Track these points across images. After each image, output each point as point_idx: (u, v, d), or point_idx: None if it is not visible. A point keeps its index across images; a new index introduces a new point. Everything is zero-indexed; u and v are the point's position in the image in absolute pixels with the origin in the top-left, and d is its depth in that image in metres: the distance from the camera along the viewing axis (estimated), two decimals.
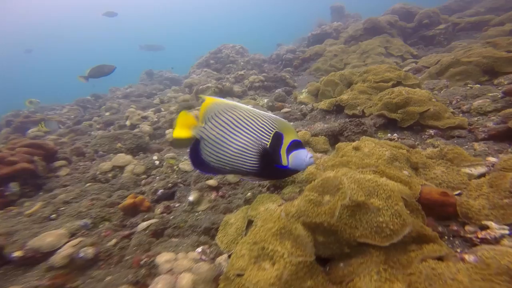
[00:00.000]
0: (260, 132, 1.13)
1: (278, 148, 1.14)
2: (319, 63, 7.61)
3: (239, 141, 1.13)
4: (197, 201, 2.31)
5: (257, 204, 1.61)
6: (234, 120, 1.14)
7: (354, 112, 2.83)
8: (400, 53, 6.43)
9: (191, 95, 7.20)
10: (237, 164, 1.15)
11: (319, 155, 2.19)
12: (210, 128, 1.16)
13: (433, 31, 6.62)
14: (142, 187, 2.89)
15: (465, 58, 3.00)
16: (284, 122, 1.17)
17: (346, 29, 9.60)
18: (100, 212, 2.29)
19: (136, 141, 3.67)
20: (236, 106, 1.16)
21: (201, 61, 10.29)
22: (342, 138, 2.42)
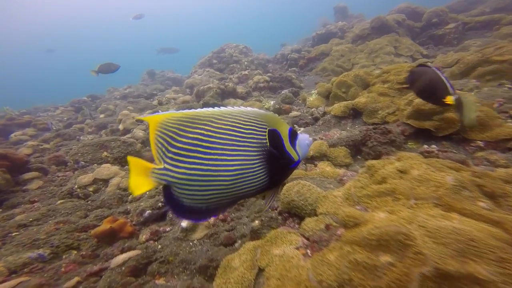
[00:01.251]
0: (253, 136, 0.91)
1: (281, 146, 0.96)
2: (326, 63, 7.24)
3: (233, 160, 0.87)
4: (192, 227, 1.89)
5: (269, 244, 1.20)
6: (206, 137, 0.87)
7: (374, 121, 2.42)
8: (410, 53, 6.04)
9: (192, 96, 6.82)
10: (239, 189, 0.90)
11: (341, 172, 1.78)
12: (174, 166, 0.87)
13: (443, 30, 6.25)
14: (128, 204, 2.47)
15: (497, 56, 2.61)
16: (267, 114, 0.96)
17: (351, 28, 9.30)
18: (67, 239, 1.84)
19: (126, 149, 3.25)
20: (198, 114, 0.89)
21: (204, 61, 9.96)
22: (365, 149, 2.01)
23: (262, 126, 0.94)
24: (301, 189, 1.49)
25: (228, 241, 1.70)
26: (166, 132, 0.87)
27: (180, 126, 0.88)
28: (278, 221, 1.59)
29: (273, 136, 0.95)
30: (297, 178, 1.77)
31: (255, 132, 0.92)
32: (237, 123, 0.91)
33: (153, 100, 7.52)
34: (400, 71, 2.66)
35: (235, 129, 0.90)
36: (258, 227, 1.56)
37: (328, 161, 1.97)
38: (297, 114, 3.59)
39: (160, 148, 0.88)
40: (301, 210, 1.39)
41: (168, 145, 0.88)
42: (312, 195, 1.40)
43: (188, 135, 0.87)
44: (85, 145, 3.12)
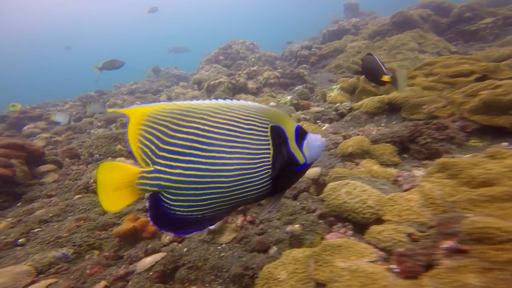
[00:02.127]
0: (254, 132, 0.80)
1: (285, 145, 0.85)
2: (340, 60, 6.97)
3: (232, 158, 0.77)
4: (219, 229, 1.71)
5: (328, 254, 1.01)
6: (204, 132, 0.76)
7: (418, 116, 2.19)
8: (437, 50, 5.75)
9: (201, 92, 6.69)
10: (239, 192, 0.79)
11: (393, 172, 1.57)
12: (168, 166, 0.75)
13: (476, 25, 5.89)
14: (146, 201, 2.31)
15: None
16: (270, 110, 0.85)
17: (365, 25, 9.03)
18: (88, 237, 1.70)
19: None
20: (193, 107, 0.78)
21: (210, 57, 9.93)
22: (415, 146, 1.80)
23: (264, 122, 0.82)
24: (352, 190, 1.30)
25: (261, 247, 1.52)
26: (157, 126, 0.74)
27: (174, 120, 0.75)
28: (321, 226, 1.40)
29: (276, 133, 0.83)
30: (340, 177, 1.57)
31: (256, 128, 0.81)
32: (236, 117, 0.80)
33: (160, 96, 7.51)
34: (449, 64, 2.42)
35: (234, 123, 0.79)
36: (299, 232, 1.37)
37: (372, 159, 1.76)
38: (319, 110, 3.39)
39: (148, 146, 0.74)
40: (357, 215, 1.20)
41: (160, 141, 0.74)
42: (370, 197, 1.20)
43: (183, 130, 0.75)
44: (99, 137, 2.98)
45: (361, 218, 1.18)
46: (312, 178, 1.85)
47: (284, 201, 1.83)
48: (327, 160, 2.05)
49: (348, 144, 1.92)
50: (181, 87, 8.06)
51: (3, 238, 1.76)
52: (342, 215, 1.29)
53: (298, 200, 1.83)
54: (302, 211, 1.71)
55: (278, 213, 1.77)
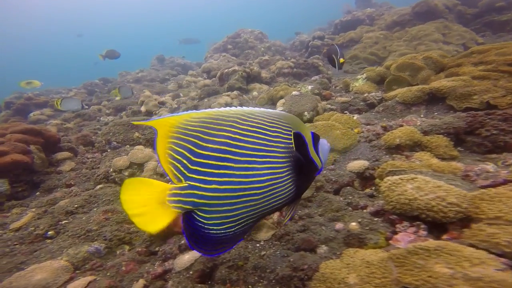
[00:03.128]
0: (280, 140, 0.79)
1: (306, 151, 0.85)
2: (357, 51, 6.69)
3: (263, 168, 0.74)
4: (257, 226, 1.57)
5: (420, 258, 0.85)
6: (235, 141, 0.72)
7: (469, 105, 2.00)
8: (463, 41, 5.45)
9: (212, 80, 6.49)
10: (268, 202, 0.77)
11: (460, 166, 1.40)
12: (202, 181, 0.69)
13: (509, 15, 5.56)
14: None
15: None
16: (290, 116, 0.85)
17: (382, 15, 8.68)
18: (118, 231, 1.57)
19: None
20: (222, 114, 0.74)
21: (218, 46, 9.73)
22: (474, 139, 1.63)
23: (287, 128, 0.81)
24: (423, 186, 1.13)
25: (307, 246, 1.38)
26: (187, 138, 0.69)
27: (205, 129, 0.71)
28: (380, 225, 1.24)
29: (298, 140, 0.82)
30: (396, 171, 1.41)
31: (282, 135, 0.79)
32: (263, 124, 0.77)
33: (169, 84, 7.35)
34: (506, 52, 2.20)
35: (262, 131, 0.76)
36: (358, 231, 1.22)
37: (427, 152, 1.59)
38: (346, 100, 3.19)
39: (180, 161, 0.69)
40: (435, 213, 1.04)
41: (192, 154, 0.69)
42: (449, 194, 1.04)
43: (215, 139, 0.70)
44: (116, 124, 2.82)
45: (440, 217, 1.02)
46: (357, 171, 1.69)
47: (325, 195, 1.68)
48: (369, 153, 1.89)
49: (396, 135, 1.75)
50: (190, 75, 7.87)
51: (32, 229, 1.65)
52: (410, 213, 1.13)
53: (341, 195, 1.68)
54: (347, 207, 1.56)
55: (319, 208, 1.63)
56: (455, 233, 0.96)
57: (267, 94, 4.23)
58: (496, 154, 1.49)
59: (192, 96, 5.21)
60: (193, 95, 5.29)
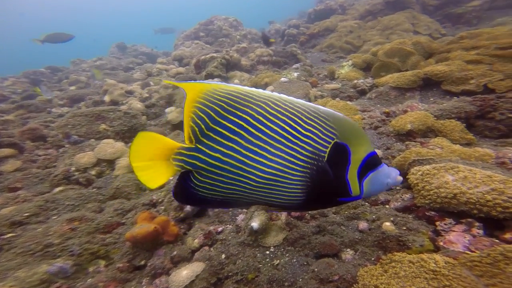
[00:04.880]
0: (310, 142, 0.70)
1: (343, 169, 0.73)
2: (333, 39, 6.69)
3: (272, 161, 0.70)
4: (263, 227, 1.33)
5: (504, 264, 0.70)
6: (256, 122, 0.70)
7: (465, 88, 1.99)
8: (429, 31, 5.74)
9: (187, 68, 5.95)
10: (264, 195, 0.74)
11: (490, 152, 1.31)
12: (209, 147, 0.71)
13: (463, 8, 5.97)
14: (150, 193, 1.81)
15: None
16: (346, 121, 0.72)
17: (352, 5, 8.89)
18: (89, 244, 1.23)
19: (129, 121, 2.48)
20: (253, 93, 0.72)
21: (189, 33, 9.29)
22: (486, 123, 1.59)
23: (329, 133, 0.72)
24: (471, 177, 1.00)
25: (329, 251, 1.18)
26: (211, 105, 0.71)
27: (230, 101, 0.71)
28: (415, 223, 1.10)
29: (338, 152, 0.72)
30: (423, 160, 1.28)
31: (315, 138, 0.71)
32: (298, 116, 0.71)
33: (134, 73, 6.66)
34: (499, 35, 2.22)
35: (291, 123, 0.71)
36: (393, 232, 1.06)
37: (442, 138, 1.50)
38: (336, 87, 3.07)
39: (199, 124, 0.72)
40: (490, 209, 0.90)
41: (211, 120, 0.71)
42: (507, 186, 0.91)
43: (237, 112, 0.71)
44: (77, 115, 2.27)
45: (497, 213, 0.89)
46: None
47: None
48: (378, 140, 1.76)
49: (407, 120, 1.63)
50: (160, 63, 7.17)
51: None
52: (454, 208, 1.00)
53: None
54: (364, 203, 1.41)
55: None
56: None
57: (250, 82, 3.94)
58: (510, 139, 1.46)
59: (165, 85, 4.65)
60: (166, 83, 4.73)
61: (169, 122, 3.14)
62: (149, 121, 3.35)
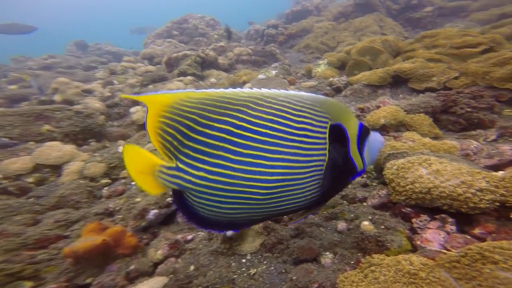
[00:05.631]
0: (307, 133, 0.65)
1: (345, 148, 0.71)
2: (309, 40, 6.82)
3: (273, 167, 0.63)
4: (239, 234, 1.21)
5: (481, 264, 0.64)
6: (239, 130, 0.62)
7: (428, 85, 2.06)
8: (394, 34, 6.08)
9: (158, 67, 5.61)
10: (276, 205, 0.66)
11: (455, 144, 1.31)
12: (191, 166, 0.63)
13: (420, 13, 6.46)
14: (106, 201, 1.58)
15: None
16: (330, 102, 0.70)
17: (326, 7, 9.22)
18: (5, 263, 0.99)
19: (82, 121, 2.19)
20: (230, 96, 0.63)
21: (161, 32, 8.88)
22: (449, 117, 1.62)
23: (321, 119, 0.68)
24: (442, 169, 0.96)
25: (308, 255, 1.09)
26: (181, 119, 0.62)
27: (203, 112, 0.62)
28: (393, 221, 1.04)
29: (336, 133, 0.69)
30: (398, 153, 1.24)
31: (311, 128, 0.66)
32: (285, 111, 0.65)
33: (97, 72, 6.15)
34: (451, 35, 2.34)
35: (281, 120, 0.64)
36: (372, 232, 0.99)
37: (413, 132, 1.50)
38: (313, 84, 3.05)
39: (170, 142, 0.63)
40: (463, 204, 0.87)
41: (184, 137, 0.63)
42: (475, 179, 0.89)
43: (214, 125, 0.62)
44: (7, 115, 1.92)
45: (469, 208, 0.86)
46: None
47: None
48: None
49: (380, 115, 1.61)
50: (127, 61, 6.67)
51: None
52: (429, 204, 0.95)
53: None
54: (343, 201, 1.34)
55: None
56: (491, 226, 0.81)
57: (228, 80, 3.80)
58: (471, 132, 1.50)
59: (131, 83, 4.30)
60: (132, 81, 4.39)
61: (135, 122, 2.87)
62: (112, 122, 3.04)
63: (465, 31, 2.45)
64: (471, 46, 2.16)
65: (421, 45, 2.53)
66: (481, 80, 1.79)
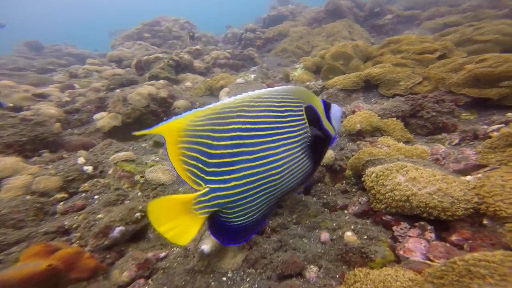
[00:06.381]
0: (292, 118, 0.79)
1: (319, 123, 0.86)
2: (286, 44, 6.94)
3: (279, 153, 0.75)
4: (218, 250, 1.12)
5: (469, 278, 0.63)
6: (248, 131, 0.71)
7: (396, 91, 2.16)
8: (362, 39, 6.45)
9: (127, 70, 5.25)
10: (287, 183, 0.79)
11: (426, 149, 1.36)
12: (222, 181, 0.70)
13: (383, 20, 6.94)
14: (61, 218, 1.42)
15: (479, 36, 2.81)
16: (298, 89, 0.85)
17: (300, 13, 9.52)
18: None
19: (31, 130, 1.93)
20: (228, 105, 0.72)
21: (130, 33, 8.48)
22: (418, 121, 1.69)
23: (297, 104, 0.82)
24: (419, 176, 0.98)
25: (292, 270, 1.05)
26: (198, 139, 0.68)
27: (213, 126, 0.69)
28: (375, 229, 1.03)
29: (310, 113, 0.84)
30: (375, 160, 1.25)
31: (293, 113, 0.80)
32: (272, 106, 0.76)
33: (55, 75, 5.60)
34: (413, 41, 2.50)
35: (272, 113, 0.76)
36: (356, 243, 0.96)
37: (387, 137, 1.53)
38: None
39: (195, 165, 0.69)
40: (440, 212, 0.88)
41: (206, 156, 0.69)
42: (450, 185, 0.91)
43: (226, 135, 0.70)
44: None
45: (447, 216, 0.87)
46: (326, 164, 1.48)
47: (297, 197, 1.39)
48: None
49: (356, 120, 1.64)
50: (90, 64, 6.16)
51: None
52: (410, 212, 0.96)
53: (313, 195, 1.42)
54: (324, 209, 1.32)
55: (293, 215, 1.31)
56: (466, 232, 0.83)
57: (205, 84, 3.67)
58: (437, 135, 1.58)
59: (95, 87, 3.95)
60: (97, 85, 4.03)
61: (99, 130, 2.61)
62: (72, 129, 2.73)
63: (423, 38, 2.65)
64: (429, 52, 2.32)
65: (388, 50, 2.67)
66: (442, 85, 1.91)
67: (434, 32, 5.59)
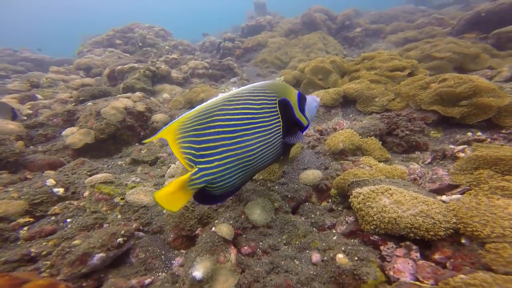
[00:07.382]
0: (266, 110, 0.98)
1: (292, 114, 1.06)
2: (265, 54, 7.08)
3: (253, 138, 0.96)
4: (210, 275, 1.08)
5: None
6: (226, 121, 0.93)
7: (373, 109, 2.32)
8: (335, 51, 6.81)
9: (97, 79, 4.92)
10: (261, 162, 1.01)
11: (404, 169, 1.46)
12: (207, 162, 0.93)
13: (353, 33, 7.45)
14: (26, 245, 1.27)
15: (437, 53, 3.15)
16: (276, 84, 1.04)
17: (278, 23, 9.80)
18: None
19: None
20: (211, 104, 0.94)
21: (100, 40, 8.06)
22: (393, 139, 1.82)
23: (272, 98, 0.99)
24: (402, 199, 1.05)
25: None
26: (188, 134, 0.91)
27: (200, 121, 0.91)
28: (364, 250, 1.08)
29: (283, 105, 1.02)
30: (360, 181, 1.32)
31: (267, 106, 0.98)
32: (249, 100, 0.96)
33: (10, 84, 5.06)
34: (385, 59, 2.70)
35: (248, 106, 0.95)
36: (348, 265, 0.99)
37: (368, 156, 1.63)
38: None
39: (189, 153, 0.92)
40: (424, 232, 0.95)
41: (195, 144, 0.91)
42: (430, 208, 0.99)
43: (210, 125, 0.92)
44: None
45: (430, 236, 0.94)
46: (312, 184, 1.52)
47: (286, 218, 1.39)
48: (316, 160, 1.77)
49: (339, 140, 1.71)
50: (55, 72, 5.69)
51: None
52: (396, 233, 1.02)
53: (301, 215, 1.45)
54: (313, 229, 1.35)
55: (282, 235, 1.32)
56: (447, 251, 0.90)
57: (184, 96, 3.57)
58: (411, 154, 1.71)
59: (62, 99, 3.63)
60: (63, 97, 3.71)
61: (68, 146, 2.39)
62: (34, 147, 2.47)
63: (393, 55, 2.89)
64: (399, 69, 2.55)
65: (362, 66, 2.86)
66: (412, 101, 2.10)
67: (398, 45, 6.17)
